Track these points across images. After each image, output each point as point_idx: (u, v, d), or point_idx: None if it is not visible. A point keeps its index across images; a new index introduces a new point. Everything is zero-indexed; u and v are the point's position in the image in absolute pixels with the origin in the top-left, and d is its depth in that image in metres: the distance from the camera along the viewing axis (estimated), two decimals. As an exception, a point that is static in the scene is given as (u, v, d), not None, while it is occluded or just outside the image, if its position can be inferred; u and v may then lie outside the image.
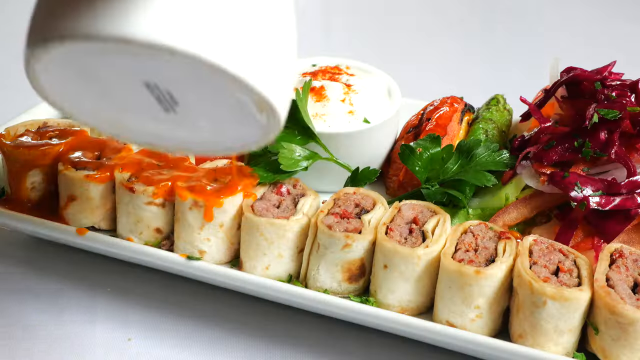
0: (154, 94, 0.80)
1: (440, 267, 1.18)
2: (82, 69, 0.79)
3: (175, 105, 0.81)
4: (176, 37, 0.70)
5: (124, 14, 0.70)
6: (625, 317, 1.06)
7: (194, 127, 0.86)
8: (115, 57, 0.75)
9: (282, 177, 1.36)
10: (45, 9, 0.75)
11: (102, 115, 0.88)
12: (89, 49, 0.74)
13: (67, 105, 0.86)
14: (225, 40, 0.72)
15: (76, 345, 1.22)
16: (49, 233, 1.34)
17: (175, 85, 0.78)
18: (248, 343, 1.24)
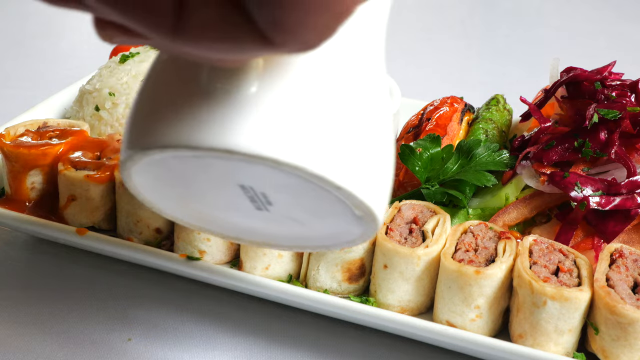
0: (248, 195, 0.79)
1: (440, 267, 1.18)
2: (177, 172, 0.79)
3: (269, 205, 0.80)
4: (279, 148, 0.68)
5: (227, 124, 0.69)
6: (625, 317, 1.06)
7: (286, 225, 0.85)
8: (213, 163, 0.74)
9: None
10: (146, 114, 0.74)
11: (191, 213, 0.88)
12: (190, 157, 0.73)
13: (157, 203, 0.87)
14: (329, 151, 0.70)
15: (76, 344, 1.22)
16: (49, 233, 1.34)
17: (272, 189, 0.77)
18: (248, 343, 1.24)
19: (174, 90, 0.73)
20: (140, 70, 1.61)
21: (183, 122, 0.70)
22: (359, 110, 0.74)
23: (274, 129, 0.69)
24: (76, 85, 1.76)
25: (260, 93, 0.70)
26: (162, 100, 0.73)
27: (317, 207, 0.78)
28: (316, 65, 0.72)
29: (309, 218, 0.82)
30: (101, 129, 1.56)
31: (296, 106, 0.70)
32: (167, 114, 0.72)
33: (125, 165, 0.77)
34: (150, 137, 0.72)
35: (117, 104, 1.57)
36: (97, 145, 1.41)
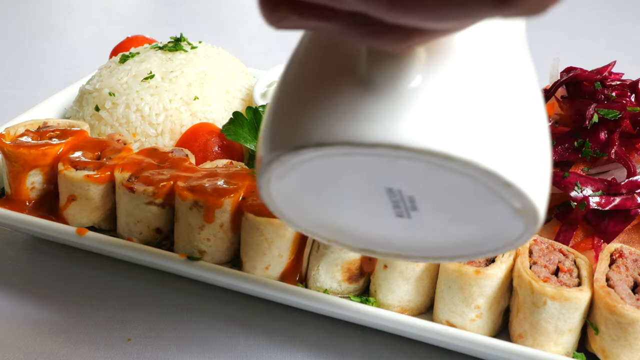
0: (392, 200, 0.72)
1: (440, 267, 1.18)
2: (317, 177, 0.72)
3: (413, 211, 0.73)
4: (450, 143, 0.62)
5: (392, 118, 0.62)
6: (625, 317, 1.06)
7: (425, 234, 0.78)
8: (363, 165, 0.68)
9: (282, 177, 1.36)
10: (294, 110, 0.68)
11: (321, 223, 0.81)
12: (342, 156, 0.66)
13: (288, 212, 0.80)
14: (498, 144, 0.64)
15: (76, 344, 1.22)
16: (49, 233, 1.34)
17: (422, 191, 0.70)
18: (248, 343, 1.24)
19: (327, 83, 0.66)
20: (140, 70, 1.61)
21: (341, 116, 0.64)
22: (520, 100, 0.68)
23: (443, 122, 0.62)
24: (76, 85, 1.76)
25: (425, 84, 0.64)
26: (313, 94, 0.67)
27: (467, 210, 0.72)
28: (477, 55, 0.67)
29: (453, 224, 0.75)
30: (101, 129, 1.56)
31: (463, 98, 0.64)
32: (321, 108, 0.65)
33: (267, 168, 0.69)
34: (304, 135, 0.65)
35: (117, 104, 1.56)
36: (97, 145, 1.41)
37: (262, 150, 0.70)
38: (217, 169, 1.35)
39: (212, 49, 1.77)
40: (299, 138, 0.66)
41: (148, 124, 1.55)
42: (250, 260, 1.27)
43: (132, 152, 1.40)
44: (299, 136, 0.66)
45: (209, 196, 1.26)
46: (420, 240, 0.80)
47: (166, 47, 1.70)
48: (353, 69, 0.65)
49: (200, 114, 1.58)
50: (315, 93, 0.67)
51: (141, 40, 1.88)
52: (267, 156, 0.69)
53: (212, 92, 1.62)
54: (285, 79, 0.72)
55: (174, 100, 1.57)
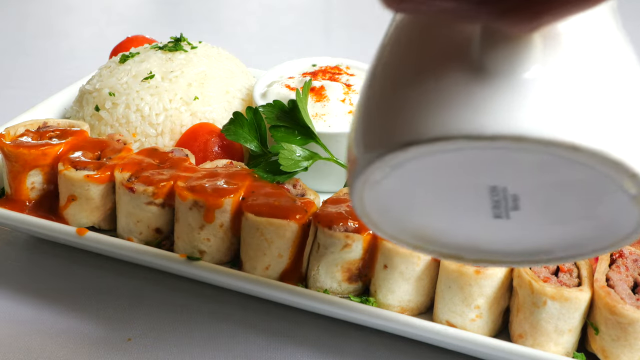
0: (494, 199, 0.67)
1: (440, 267, 1.18)
2: (418, 178, 0.66)
3: (514, 211, 0.68)
4: (576, 133, 0.57)
5: (513, 107, 0.58)
6: (625, 317, 1.06)
7: (520, 236, 0.73)
8: (470, 161, 0.62)
9: (282, 178, 1.36)
10: (395, 103, 0.62)
11: (411, 230, 0.75)
12: (452, 152, 0.61)
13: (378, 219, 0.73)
14: (623, 134, 0.60)
15: (76, 344, 1.22)
16: (49, 233, 1.34)
17: (530, 189, 0.65)
18: (248, 343, 1.24)
19: (433, 72, 0.61)
20: (140, 70, 1.61)
21: (455, 107, 0.58)
22: (634, 84, 0.64)
23: (565, 111, 0.58)
24: (76, 85, 1.76)
25: (543, 71, 0.60)
26: (418, 84, 0.61)
27: (576, 207, 0.67)
28: (586, 37, 0.64)
29: (555, 224, 0.70)
30: (101, 129, 1.56)
31: (582, 85, 0.60)
32: (429, 99, 0.60)
33: (366, 170, 0.63)
34: (413, 130, 0.59)
35: (117, 104, 1.56)
36: (97, 145, 1.41)
37: (358, 150, 0.64)
38: (217, 169, 1.35)
39: (212, 49, 1.77)
40: (406, 133, 0.60)
41: (148, 124, 1.55)
42: (250, 260, 1.27)
43: (132, 152, 1.40)
44: (406, 131, 0.60)
45: (209, 196, 1.26)
46: (514, 243, 0.74)
47: (166, 47, 1.70)
48: (463, 56, 0.60)
49: (200, 114, 1.58)
50: (421, 83, 0.61)
51: (141, 40, 1.88)
52: (366, 156, 0.63)
53: (212, 92, 1.62)
54: (380, 69, 0.66)
55: (174, 100, 1.57)
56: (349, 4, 3.10)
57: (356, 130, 0.67)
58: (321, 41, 2.69)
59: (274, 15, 2.93)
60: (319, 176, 1.51)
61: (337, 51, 2.35)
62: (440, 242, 0.76)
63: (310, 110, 1.51)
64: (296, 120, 1.45)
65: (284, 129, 1.45)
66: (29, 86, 2.19)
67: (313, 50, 2.20)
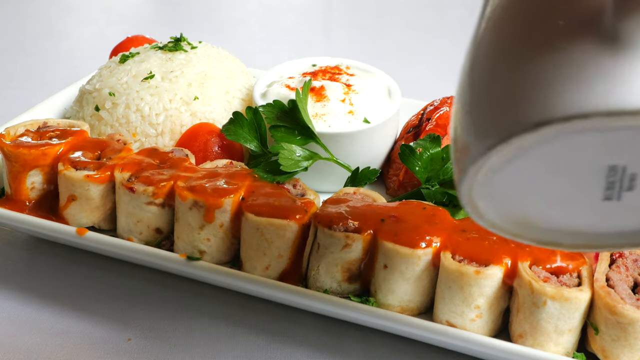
0: (609, 180, 0.63)
1: (441, 267, 1.18)
2: (536, 162, 0.62)
3: (628, 191, 0.64)
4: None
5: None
6: (625, 317, 1.06)
7: (626, 215, 0.69)
8: (603, 137, 0.58)
9: (282, 178, 1.36)
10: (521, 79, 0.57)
11: (513, 217, 0.71)
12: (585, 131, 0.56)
13: (485, 205, 0.69)
14: None
15: (76, 344, 1.22)
16: (49, 233, 1.34)
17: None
18: (248, 343, 1.24)
19: (558, 43, 0.56)
20: (140, 70, 1.61)
21: (590, 81, 0.54)
22: None
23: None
24: (76, 85, 1.76)
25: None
26: (542, 60, 0.56)
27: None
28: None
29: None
30: (101, 129, 1.56)
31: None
32: (560, 74, 0.55)
33: (483, 158, 0.59)
34: (541, 109, 0.54)
35: (117, 104, 1.57)
36: (97, 145, 1.41)
37: (470, 138, 0.59)
38: (217, 169, 1.35)
39: (212, 49, 1.77)
40: (536, 113, 0.54)
41: (148, 124, 1.55)
42: (250, 260, 1.27)
43: (132, 152, 1.40)
44: (535, 111, 0.55)
45: (209, 196, 1.26)
46: (617, 225, 0.70)
47: (166, 47, 1.70)
48: (594, 25, 0.56)
49: (200, 114, 1.58)
50: (545, 57, 0.56)
51: (141, 40, 1.88)
52: (485, 142, 0.58)
53: (212, 92, 1.62)
54: (487, 45, 0.61)
55: (174, 100, 1.57)
56: (349, 4, 3.10)
57: (465, 116, 0.62)
58: (321, 41, 2.69)
59: (274, 15, 2.93)
60: (319, 176, 1.51)
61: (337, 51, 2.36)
62: (541, 228, 0.72)
63: (310, 110, 1.51)
64: (296, 120, 1.45)
65: (284, 129, 1.45)
66: (29, 86, 2.19)
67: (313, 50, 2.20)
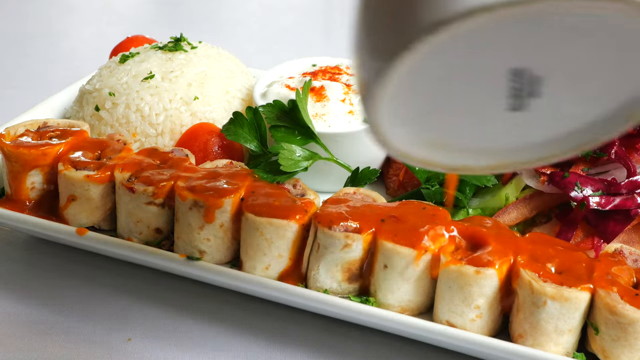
0: (513, 86, 0.62)
1: (441, 267, 1.18)
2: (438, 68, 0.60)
3: (535, 98, 0.63)
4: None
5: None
6: (625, 317, 1.06)
7: (541, 123, 0.68)
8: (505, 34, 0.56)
9: (282, 178, 1.36)
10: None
11: (421, 139, 0.71)
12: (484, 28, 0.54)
13: (389, 130, 0.68)
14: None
15: (76, 344, 1.22)
16: (49, 233, 1.34)
17: (562, 59, 0.60)
18: (248, 343, 1.24)
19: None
20: (140, 70, 1.61)
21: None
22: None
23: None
24: (76, 85, 1.76)
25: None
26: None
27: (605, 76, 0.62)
28: None
29: (577, 104, 0.66)
30: (101, 129, 1.56)
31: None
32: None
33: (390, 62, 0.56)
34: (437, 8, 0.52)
35: (117, 104, 1.56)
36: (97, 145, 1.41)
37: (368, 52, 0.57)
38: (217, 169, 1.35)
39: (212, 49, 1.77)
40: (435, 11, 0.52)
41: (148, 124, 1.55)
42: (250, 260, 1.27)
43: (132, 152, 1.40)
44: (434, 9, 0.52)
45: (209, 196, 1.26)
46: (527, 137, 0.69)
47: (166, 47, 1.70)
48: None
49: (200, 114, 1.58)
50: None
51: (141, 40, 1.88)
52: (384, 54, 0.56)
53: (212, 92, 1.62)
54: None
55: (174, 100, 1.57)
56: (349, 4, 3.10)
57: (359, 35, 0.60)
58: (321, 41, 2.69)
59: (274, 15, 2.93)
60: (319, 176, 1.51)
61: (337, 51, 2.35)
62: (451, 150, 0.71)
63: (310, 110, 1.51)
64: (296, 120, 1.45)
65: (284, 129, 1.45)
66: (29, 86, 2.19)
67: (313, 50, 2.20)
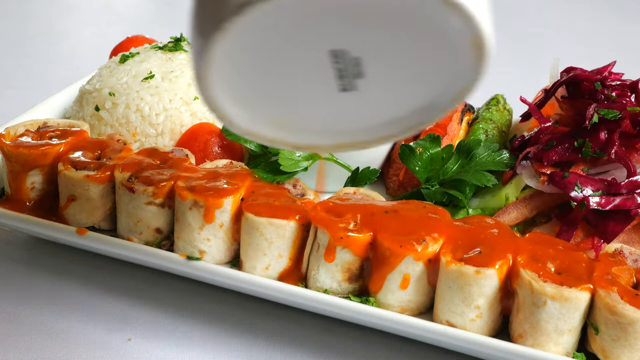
0: (337, 67, 0.70)
1: (440, 267, 1.18)
2: (261, 48, 0.69)
3: (360, 79, 0.71)
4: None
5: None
6: (625, 317, 1.06)
7: (374, 108, 0.76)
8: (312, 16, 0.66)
9: (282, 178, 1.36)
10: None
11: (265, 119, 0.78)
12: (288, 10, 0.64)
13: (230, 110, 0.76)
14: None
15: (76, 344, 1.22)
16: (49, 233, 1.34)
17: (369, 47, 0.68)
18: (248, 343, 1.24)
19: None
20: (140, 70, 1.61)
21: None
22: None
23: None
24: (76, 85, 1.76)
25: None
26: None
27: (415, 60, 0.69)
28: None
29: (401, 86, 0.73)
30: (101, 129, 1.56)
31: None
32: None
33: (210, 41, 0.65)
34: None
35: (117, 104, 1.56)
36: (97, 145, 1.41)
37: (196, 38, 0.67)
38: (217, 169, 1.35)
39: (212, 49, 1.77)
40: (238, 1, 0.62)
41: (148, 124, 1.55)
42: (250, 260, 1.27)
43: (132, 152, 1.40)
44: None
45: (209, 196, 1.26)
46: (369, 118, 0.77)
47: (166, 47, 1.70)
48: None
49: (200, 114, 1.58)
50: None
51: (141, 40, 1.88)
52: (204, 32, 0.66)
53: (212, 92, 1.62)
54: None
55: (174, 100, 1.57)
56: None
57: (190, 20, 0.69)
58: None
59: (274, 15, 2.92)
60: (319, 176, 1.51)
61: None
62: (294, 129, 0.78)
63: (310, 110, 1.51)
64: (296, 120, 1.45)
65: (284, 129, 1.45)
66: (29, 86, 2.19)
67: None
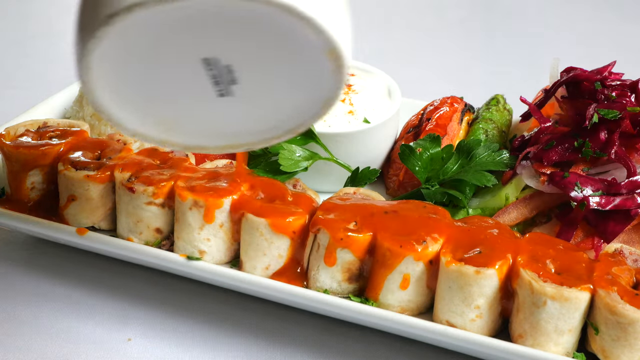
0: (212, 74, 0.76)
1: (440, 267, 1.18)
2: (136, 55, 0.75)
3: (234, 84, 0.77)
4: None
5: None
6: (625, 317, 1.06)
7: (251, 111, 0.82)
8: (178, 30, 0.72)
9: (282, 178, 1.36)
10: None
11: (152, 121, 0.84)
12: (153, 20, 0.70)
13: (117, 113, 0.82)
14: None
15: (76, 344, 1.22)
16: (49, 233, 1.34)
17: (238, 55, 0.75)
18: (248, 343, 1.24)
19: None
20: (140, 70, 1.61)
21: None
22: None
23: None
24: (76, 85, 1.76)
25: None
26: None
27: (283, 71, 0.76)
28: None
29: (273, 93, 0.80)
30: (101, 129, 1.56)
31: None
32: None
33: (85, 52, 0.72)
34: (115, 5, 0.68)
35: (117, 104, 1.56)
36: (97, 145, 1.41)
37: (77, 34, 0.72)
38: (217, 169, 1.35)
39: (212, 49, 1.77)
40: (109, 9, 0.68)
41: (148, 124, 1.54)
42: (250, 260, 1.27)
43: (132, 152, 1.40)
44: (108, 8, 0.68)
45: (209, 196, 1.26)
46: (249, 121, 0.83)
47: (166, 47, 1.70)
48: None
49: (200, 114, 1.58)
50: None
51: (141, 40, 1.87)
52: (82, 36, 0.71)
53: (212, 92, 1.62)
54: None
55: (174, 100, 1.57)
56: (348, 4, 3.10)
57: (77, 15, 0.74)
58: (321, 41, 2.69)
59: (274, 15, 2.92)
60: (319, 176, 1.51)
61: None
62: (182, 131, 0.84)
63: (310, 110, 1.51)
64: (296, 120, 1.45)
65: (284, 129, 1.45)
66: (29, 86, 2.19)
67: (313, 50, 2.19)
